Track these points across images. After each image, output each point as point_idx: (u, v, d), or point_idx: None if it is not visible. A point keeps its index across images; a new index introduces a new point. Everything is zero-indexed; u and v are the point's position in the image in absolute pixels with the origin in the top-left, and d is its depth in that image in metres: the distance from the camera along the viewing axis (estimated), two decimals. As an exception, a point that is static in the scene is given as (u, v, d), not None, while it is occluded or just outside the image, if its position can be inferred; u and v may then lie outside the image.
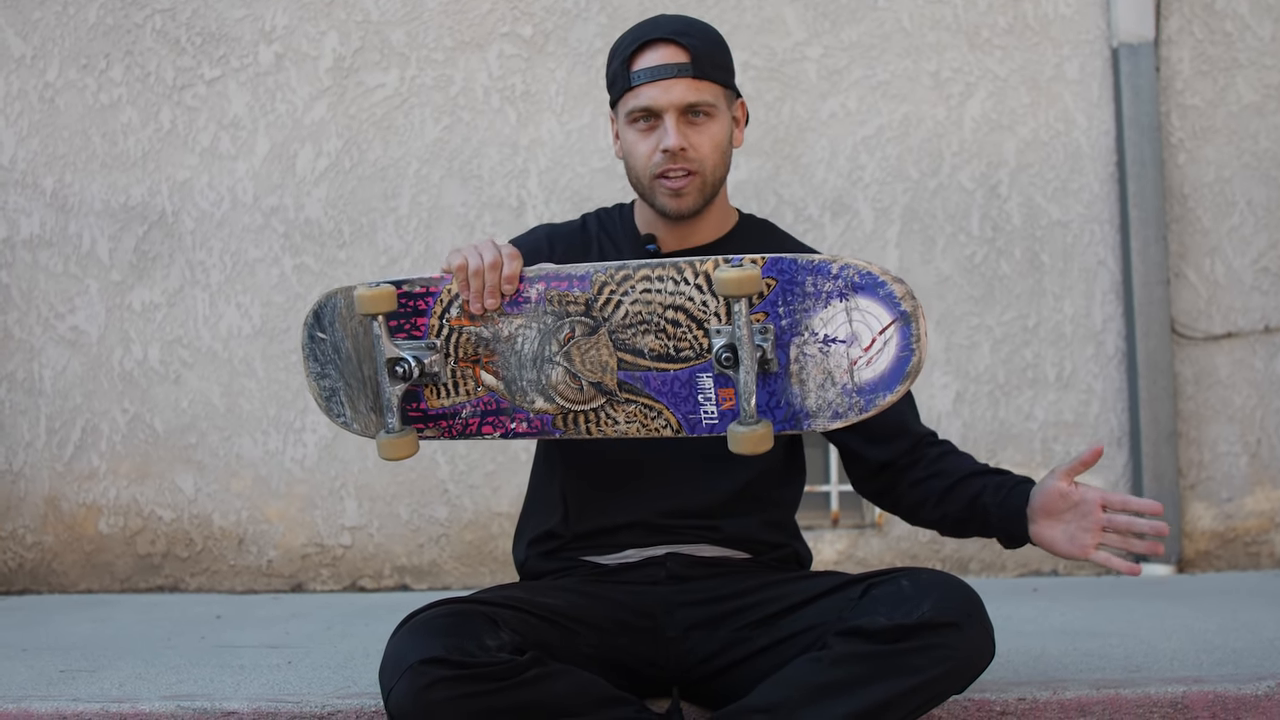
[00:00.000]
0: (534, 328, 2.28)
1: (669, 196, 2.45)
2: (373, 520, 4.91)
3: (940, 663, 2.16)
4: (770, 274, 2.17)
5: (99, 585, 4.91)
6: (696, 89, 2.43)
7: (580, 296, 2.25)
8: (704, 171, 2.44)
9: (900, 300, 2.12)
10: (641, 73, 2.43)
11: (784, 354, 2.17)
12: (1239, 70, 5.09)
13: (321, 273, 4.96)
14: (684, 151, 2.41)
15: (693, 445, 2.41)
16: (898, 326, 2.13)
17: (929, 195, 5.01)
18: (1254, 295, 5.04)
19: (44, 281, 4.97)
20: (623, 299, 2.23)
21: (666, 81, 2.42)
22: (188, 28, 5.02)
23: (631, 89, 2.44)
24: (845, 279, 2.13)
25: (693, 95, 2.42)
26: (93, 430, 4.94)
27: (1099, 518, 2.34)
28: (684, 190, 2.43)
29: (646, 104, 2.42)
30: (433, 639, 2.13)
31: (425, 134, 5.00)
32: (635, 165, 2.47)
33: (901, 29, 5.05)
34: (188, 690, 2.77)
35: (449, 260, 2.26)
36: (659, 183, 2.44)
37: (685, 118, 2.42)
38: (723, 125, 2.47)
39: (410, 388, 2.34)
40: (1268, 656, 2.96)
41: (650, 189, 2.47)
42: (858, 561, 4.90)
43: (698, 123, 2.44)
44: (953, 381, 4.99)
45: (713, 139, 2.45)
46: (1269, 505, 5.01)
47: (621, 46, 2.49)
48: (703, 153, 2.44)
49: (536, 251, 2.57)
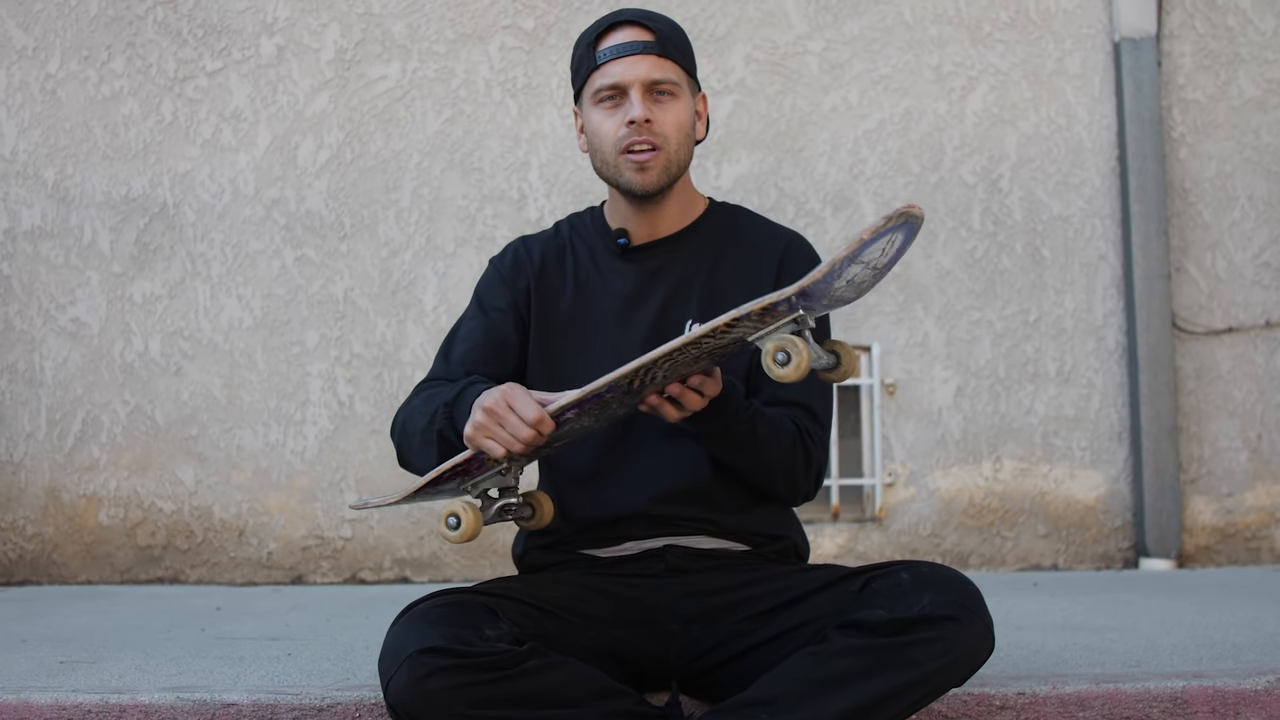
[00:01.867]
0: (587, 421, 2.30)
1: (635, 170, 2.45)
2: (373, 512, 4.91)
3: (939, 656, 2.15)
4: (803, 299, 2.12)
5: (99, 577, 4.92)
6: (660, 66, 2.45)
7: (612, 398, 2.23)
8: (668, 149, 2.45)
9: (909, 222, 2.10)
10: (607, 50, 2.47)
11: None
12: (1240, 65, 5.09)
13: (323, 265, 4.96)
14: (649, 124, 2.43)
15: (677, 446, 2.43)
16: (905, 232, 2.11)
17: (930, 189, 5.01)
18: (1255, 290, 5.04)
19: (45, 273, 4.97)
20: (656, 374, 2.19)
21: (632, 58, 2.45)
22: (189, 19, 5.01)
23: (597, 68, 2.47)
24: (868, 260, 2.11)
25: (657, 72, 2.45)
26: (93, 422, 4.94)
27: None
28: (649, 164, 2.44)
29: (613, 80, 2.45)
30: (431, 628, 2.13)
31: (427, 126, 5.00)
32: (602, 146, 2.48)
33: (903, 23, 5.05)
34: (187, 682, 2.77)
35: (478, 444, 2.22)
36: (624, 158, 2.46)
37: (650, 94, 2.45)
38: (686, 107, 2.49)
39: None
40: (1267, 651, 2.96)
41: (616, 166, 2.48)
42: (857, 555, 4.90)
43: (662, 101, 2.46)
44: (953, 376, 4.99)
45: (676, 118, 2.46)
46: (1269, 500, 5.01)
47: (586, 34, 2.53)
48: (666, 129, 2.45)
49: (517, 278, 2.58)
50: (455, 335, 2.62)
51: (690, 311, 2.50)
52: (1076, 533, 4.97)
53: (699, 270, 2.54)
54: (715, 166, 4.98)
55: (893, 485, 4.97)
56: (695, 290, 2.52)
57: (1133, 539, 4.98)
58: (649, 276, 2.55)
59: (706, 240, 2.57)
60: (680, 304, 2.50)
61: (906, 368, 4.99)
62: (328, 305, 4.96)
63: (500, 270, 2.63)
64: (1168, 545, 4.90)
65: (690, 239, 2.57)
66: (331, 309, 4.96)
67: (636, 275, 2.56)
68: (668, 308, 2.51)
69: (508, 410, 2.19)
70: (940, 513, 4.97)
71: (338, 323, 4.96)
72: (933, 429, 4.99)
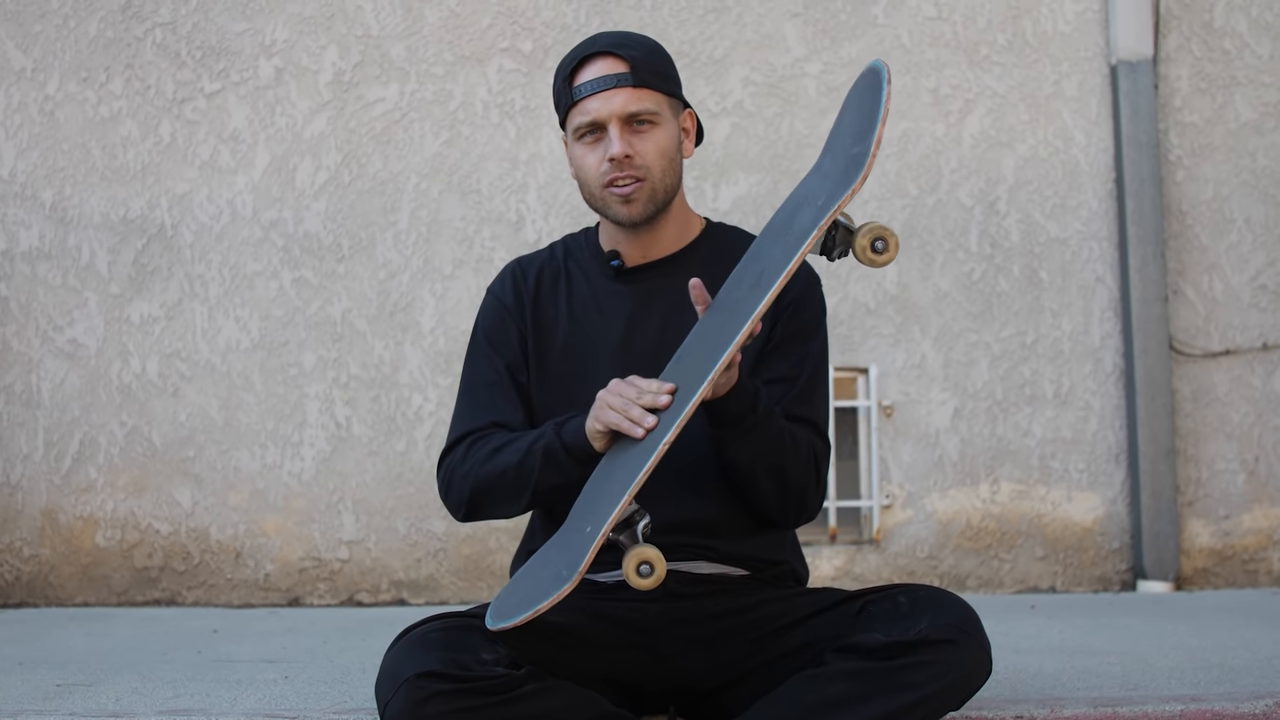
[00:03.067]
0: None
1: (620, 204, 2.45)
2: (370, 534, 4.91)
3: (937, 679, 2.15)
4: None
5: (96, 598, 4.91)
6: (637, 98, 2.44)
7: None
8: (651, 178, 2.44)
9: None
10: (583, 86, 2.46)
11: None
12: (1237, 88, 5.10)
13: (320, 286, 4.96)
14: (629, 159, 2.42)
15: (688, 461, 2.42)
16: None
17: (928, 211, 5.02)
18: (1252, 313, 5.04)
19: (43, 294, 4.97)
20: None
21: (607, 93, 2.44)
22: (188, 41, 5.03)
23: (575, 104, 2.47)
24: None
25: (634, 104, 2.44)
26: (90, 443, 4.94)
27: None
28: (633, 196, 2.44)
29: (590, 117, 2.44)
30: (429, 653, 2.13)
31: (425, 148, 5.01)
32: (587, 180, 2.48)
33: (901, 46, 5.06)
34: (184, 705, 2.76)
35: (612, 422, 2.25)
36: (609, 192, 2.45)
37: (629, 127, 2.44)
38: (668, 133, 2.47)
39: None
40: (1265, 675, 2.96)
41: (603, 200, 2.47)
42: (855, 577, 4.90)
43: (641, 131, 2.44)
44: (951, 398, 4.99)
45: (658, 145, 2.45)
46: (1267, 523, 5.01)
47: (562, 66, 2.52)
48: (648, 159, 2.44)
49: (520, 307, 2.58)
50: (475, 381, 2.58)
51: (685, 336, 2.49)
52: (1074, 555, 4.97)
53: None
54: (713, 189, 4.99)
55: (890, 507, 4.97)
56: (692, 315, 2.48)
57: (1130, 561, 4.97)
58: (645, 299, 2.53)
59: (703, 262, 2.55)
60: (677, 326, 2.48)
61: (904, 390, 5.00)
62: (325, 327, 4.96)
63: (503, 302, 2.60)
64: (1165, 567, 4.89)
65: (686, 260, 2.56)
66: (329, 330, 4.96)
67: (632, 298, 2.54)
68: (665, 331, 2.50)
69: (631, 384, 2.25)
70: (938, 535, 4.97)
71: (335, 344, 4.96)
72: (930, 451, 4.99)
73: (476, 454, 2.46)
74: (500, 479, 2.41)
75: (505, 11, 5.05)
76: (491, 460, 2.42)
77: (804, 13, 5.06)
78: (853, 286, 4.99)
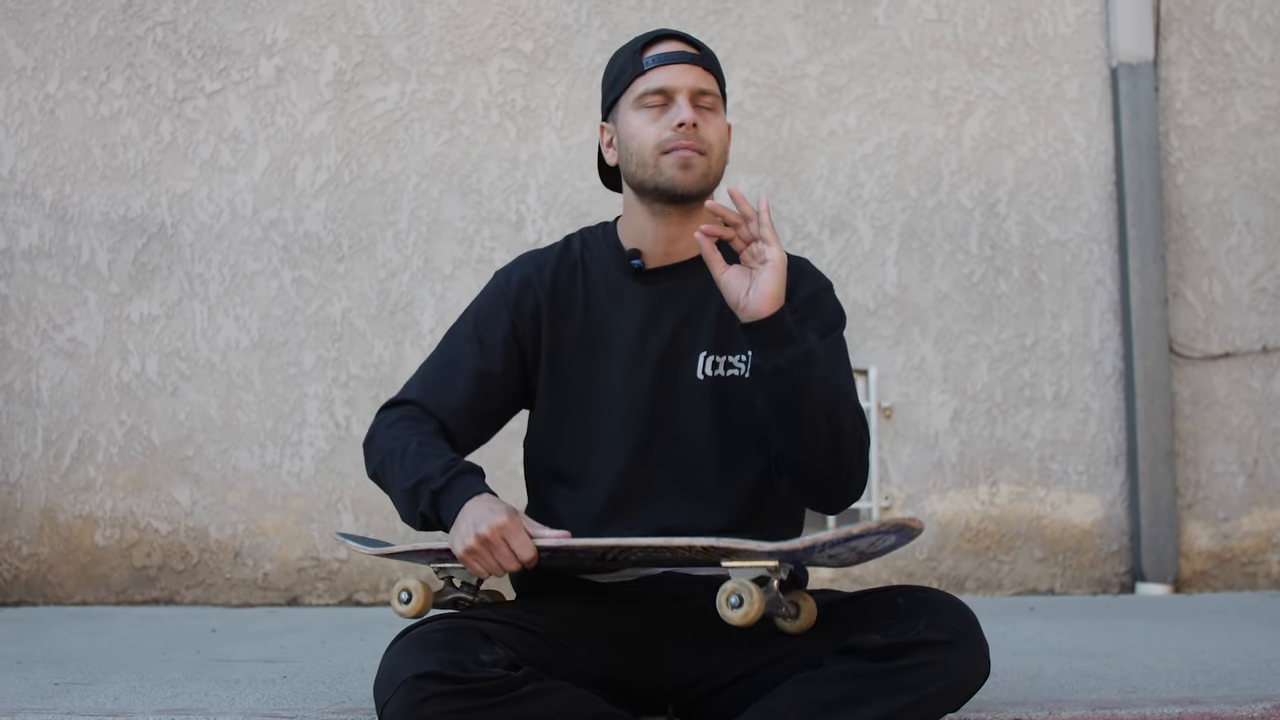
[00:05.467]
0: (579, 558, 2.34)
1: (678, 168, 2.43)
2: (369, 533, 4.91)
3: (935, 681, 2.15)
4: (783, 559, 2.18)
5: (94, 597, 4.91)
6: (706, 79, 2.47)
7: (587, 557, 2.29)
8: (710, 156, 2.45)
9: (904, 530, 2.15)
10: (654, 57, 2.47)
11: None
12: (1238, 91, 5.10)
13: (320, 286, 4.96)
14: (696, 128, 2.42)
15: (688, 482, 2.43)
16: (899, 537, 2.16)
17: (928, 213, 5.02)
18: (1252, 315, 5.04)
19: (43, 292, 4.97)
20: (630, 556, 2.27)
21: (681, 65, 2.46)
22: (189, 40, 5.03)
23: (644, 73, 2.47)
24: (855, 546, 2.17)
25: (704, 83, 2.46)
26: (90, 442, 4.94)
27: None
28: (693, 162, 2.42)
29: (661, 84, 2.44)
30: (427, 654, 2.12)
31: (425, 148, 5.01)
32: (641, 149, 2.45)
33: (901, 47, 5.06)
34: (182, 704, 2.76)
35: (464, 561, 2.27)
36: (666, 157, 2.43)
37: (696, 103, 2.45)
38: (723, 123, 2.49)
39: None
40: (1264, 678, 2.96)
41: (656, 165, 2.44)
42: (853, 578, 4.89)
43: (705, 111, 2.46)
44: (950, 399, 4.99)
45: (718, 130, 2.47)
46: (1266, 525, 5.00)
47: (628, 46, 2.53)
48: (711, 138, 2.44)
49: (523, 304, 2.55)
50: (448, 356, 2.58)
51: (702, 341, 2.47)
52: (1073, 557, 4.97)
53: (713, 297, 2.47)
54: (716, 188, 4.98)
55: (889, 509, 4.97)
56: (708, 319, 2.48)
57: (1129, 563, 4.97)
58: (661, 301, 2.50)
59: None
60: (692, 331, 2.47)
61: (904, 391, 5.00)
62: (325, 326, 4.96)
63: (505, 294, 2.57)
64: (1164, 570, 4.89)
65: (706, 265, 2.51)
66: (329, 330, 4.96)
67: (649, 299, 2.50)
68: (679, 335, 2.47)
69: (502, 543, 2.23)
70: (937, 536, 4.97)
71: (335, 344, 4.96)
72: (929, 452, 4.99)
73: (397, 440, 2.47)
74: (391, 482, 2.44)
75: (506, 11, 5.05)
76: (398, 463, 2.43)
77: (805, 14, 5.06)
78: (852, 288, 4.98)
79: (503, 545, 2.24)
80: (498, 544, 2.24)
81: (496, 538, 2.23)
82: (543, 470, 2.58)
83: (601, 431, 2.48)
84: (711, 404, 2.46)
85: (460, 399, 2.53)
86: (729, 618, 2.13)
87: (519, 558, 2.23)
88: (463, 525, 2.27)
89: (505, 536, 2.24)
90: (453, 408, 2.53)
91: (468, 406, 2.53)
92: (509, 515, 2.26)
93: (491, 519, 2.24)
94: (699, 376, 2.47)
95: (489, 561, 2.25)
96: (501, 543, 2.24)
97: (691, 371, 2.47)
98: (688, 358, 2.46)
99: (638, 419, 2.46)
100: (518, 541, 2.24)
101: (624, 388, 2.47)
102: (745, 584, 2.13)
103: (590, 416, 2.50)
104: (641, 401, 2.46)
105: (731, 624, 2.13)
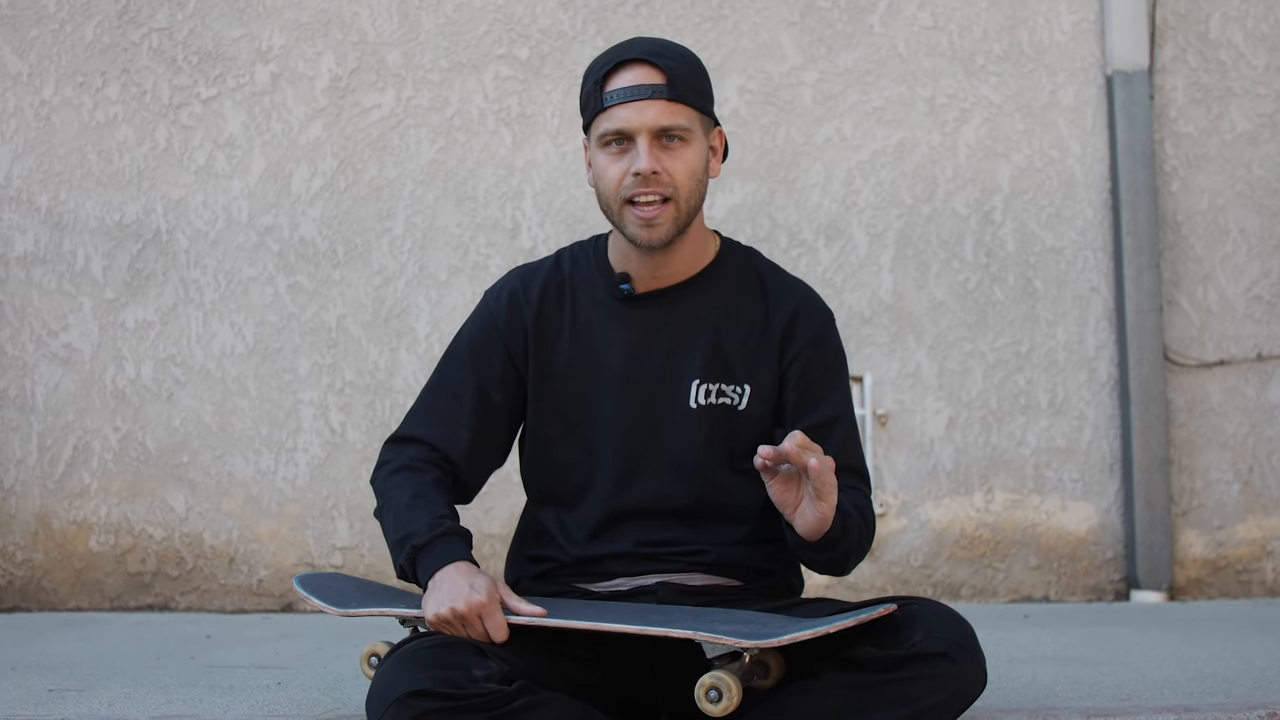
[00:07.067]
0: None
1: (640, 226, 2.34)
2: (364, 540, 4.90)
3: (932, 692, 2.15)
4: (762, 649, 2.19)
5: (89, 604, 4.90)
6: (671, 112, 2.32)
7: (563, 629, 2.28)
8: (678, 199, 2.33)
9: None
10: (614, 93, 2.33)
11: None
12: (1233, 99, 5.11)
13: (315, 292, 4.96)
14: (656, 175, 2.31)
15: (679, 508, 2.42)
16: None
17: (923, 221, 5.02)
18: (1246, 323, 5.05)
19: (37, 299, 4.97)
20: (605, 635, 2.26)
21: (640, 103, 2.31)
22: (184, 47, 5.02)
23: (604, 110, 2.34)
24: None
25: (666, 118, 2.32)
26: (84, 448, 4.93)
27: None
28: (657, 220, 2.33)
29: (619, 126, 2.32)
30: (419, 671, 2.11)
31: (421, 155, 5.01)
32: (606, 191, 2.37)
33: (897, 55, 5.07)
34: (176, 710, 2.76)
35: (436, 627, 2.25)
36: (629, 210, 2.34)
37: (659, 141, 2.32)
38: (698, 152, 2.36)
39: None
40: (1259, 686, 2.96)
41: (620, 217, 2.37)
42: (849, 587, 4.89)
43: (671, 147, 2.33)
44: (945, 407, 4.99)
45: (687, 165, 2.34)
46: (1260, 533, 5.01)
47: (595, 68, 2.39)
48: (677, 178, 2.33)
49: (513, 327, 2.52)
50: (443, 384, 2.55)
51: (693, 369, 2.44)
52: (1068, 564, 4.97)
53: (705, 323, 2.45)
54: (709, 197, 4.98)
55: (884, 516, 4.97)
56: (700, 346, 2.45)
57: (1124, 571, 4.98)
58: (652, 326, 2.46)
59: (716, 291, 2.48)
60: (683, 357, 2.44)
61: (898, 399, 5.00)
62: (320, 333, 4.96)
63: (496, 318, 2.53)
64: (1159, 578, 4.90)
65: (699, 288, 2.48)
66: (324, 336, 4.96)
67: (638, 324, 2.46)
68: (669, 362, 2.44)
69: (477, 621, 2.22)
70: (932, 544, 4.97)
71: (330, 350, 4.96)
72: (924, 460, 4.99)
73: (397, 489, 2.44)
74: (385, 534, 2.42)
75: (502, 18, 5.05)
76: (391, 514, 2.41)
77: (800, 21, 5.07)
78: (848, 295, 4.99)
79: (477, 623, 2.22)
80: (472, 621, 2.22)
81: (472, 615, 2.21)
82: (535, 490, 2.58)
83: (591, 458, 2.47)
84: (704, 432, 2.44)
85: (465, 430, 2.49)
86: (709, 711, 2.12)
87: (493, 638, 2.21)
88: (439, 593, 2.25)
89: (482, 615, 2.21)
90: (459, 440, 2.49)
91: (471, 438, 2.49)
92: (488, 593, 2.23)
93: (471, 596, 2.22)
94: (692, 405, 2.44)
95: (459, 632, 2.23)
96: (476, 620, 2.21)
97: (684, 399, 2.44)
98: (679, 385, 2.43)
99: (628, 446, 2.44)
100: (493, 623, 2.21)
101: (613, 414, 2.45)
102: (722, 678, 2.12)
103: (579, 442, 2.48)
104: (632, 428, 2.44)
105: (711, 717, 2.11)
